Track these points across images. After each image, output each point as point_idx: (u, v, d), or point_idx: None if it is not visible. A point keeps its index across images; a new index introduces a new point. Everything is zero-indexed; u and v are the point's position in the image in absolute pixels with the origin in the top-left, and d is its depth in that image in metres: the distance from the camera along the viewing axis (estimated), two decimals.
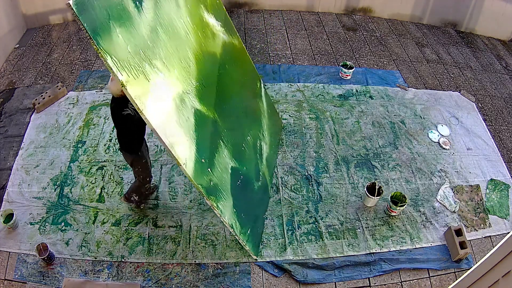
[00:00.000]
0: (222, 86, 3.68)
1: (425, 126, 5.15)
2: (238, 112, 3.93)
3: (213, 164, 3.24)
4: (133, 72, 2.55)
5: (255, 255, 3.72)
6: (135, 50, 2.60)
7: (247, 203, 3.73)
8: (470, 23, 7.08)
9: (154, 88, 2.73)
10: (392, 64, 6.12)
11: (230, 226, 3.31)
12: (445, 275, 3.84)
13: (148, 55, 2.73)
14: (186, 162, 2.87)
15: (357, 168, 4.59)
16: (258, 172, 4.01)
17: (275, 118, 4.79)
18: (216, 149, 3.34)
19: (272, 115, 4.67)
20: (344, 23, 6.91)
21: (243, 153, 3.78)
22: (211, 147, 3.29)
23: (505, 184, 4.63)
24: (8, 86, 5.36)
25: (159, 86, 2.80)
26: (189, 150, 2.96)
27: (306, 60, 6.01)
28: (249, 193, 3.80)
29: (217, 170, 3.28)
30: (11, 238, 3.81)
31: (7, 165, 4.41)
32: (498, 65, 6.49)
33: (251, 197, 3.84)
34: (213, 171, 3.23)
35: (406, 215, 4.22)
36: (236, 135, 3.74)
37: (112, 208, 4.06)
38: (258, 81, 4.54)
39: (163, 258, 3.74)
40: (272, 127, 4.59)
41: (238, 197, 3.51)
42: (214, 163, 3.27)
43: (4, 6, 5.62)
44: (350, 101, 5.38)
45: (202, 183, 3.05)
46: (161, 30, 2.92)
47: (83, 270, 3.64)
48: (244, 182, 3.70)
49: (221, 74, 3.70)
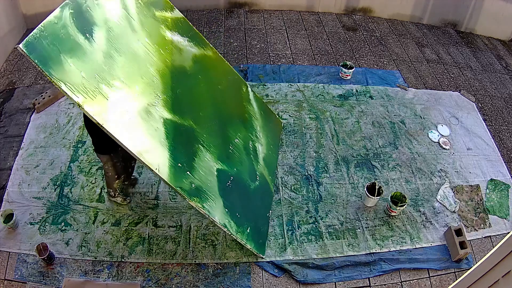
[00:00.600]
0: (196, 95, 3.82)
1: (425, 126, 5.15)
2: (219, 117, 3.99)
3: (192, 167, 3.30)
4: (90, 94, 2.73)
5: (260, 253, 3.70)
6: (90, 75, 2.79)
7: (242, 203, 3.73)
8: (470, 23, 7.08)
9: (114, 104, 2.89)
10: (392, 64, 6.12)
11: (223, 226, 3.33)
12: (445, 275, 3.84)
13: (104, 77, 2.90)
14: (158, 168, 2.96)
15: (357, 168, 4.59)
16: (253, 172, 4.02)
17: (272, 119, 4.79)
18: (195, 154, 3.41)
19: (267, 117, 4.67)
20: (344, 23, 6.92)
21: (231, 156, 3.83)
22: (188, 152, 3.36)
23: (505, 184, 4.63)
24: (8, 86, 5.36)
25: (119, 102, 2.94)
26: (161, 157, 3.05)
27: (306, 60, 6.01)
28: (243, 194, 3.80)
29: (198, 173, 3.33)
30: (11, 238, 3.81)
31: (7, 165, 4.41)
32: (498, 65, 6.49)
33: (246, 197, 3.84)
34: (194, 174, 3.28)
35: (406, 215, 4.22)
36: (219, 139, 3.80)
37: (112, 208, 4.06)
38: (244, 86, 4.59)
39: (163, 258, 3.74)
40: (268, 128, 4.60)
41: (229, 198, 3.53)
42: (194, 166, 3.33)
43: (4, 6, 5.61)
44: (350, 101, 5.38)
45: (182, 186, 3.11)
46: (116, 54, 3.10)
47: (83, 270, 3.64)
48: (235, 183, 3.72)
49: (193, 84, 3.86)
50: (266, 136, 4.47)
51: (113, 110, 2.87)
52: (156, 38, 3.62)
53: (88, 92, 2.73)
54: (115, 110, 2.89)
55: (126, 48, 3.25)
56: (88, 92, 2.73)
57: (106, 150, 3.56)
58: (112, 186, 3.94)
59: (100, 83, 2.86)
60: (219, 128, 3.90)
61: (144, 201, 4.14)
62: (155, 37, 3.61)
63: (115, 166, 3.74)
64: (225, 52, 6.03)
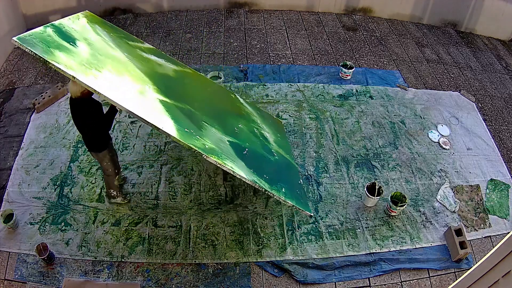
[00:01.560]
0: (188, 91, 3.91)
1: (425, 126, 5.15)
2: (216, 110, 3.97)
3: (201, 134, 3.17)
4: (81, 72, 2.85)
5: (307, 211, 3.40)
6: (79, 63, 2.95)
7: (267, 169, 3.53)
8: (470, 23, 7.08)
9: (107, 80, 2.99)
10: (392, 64, 6.12)
11: (252, 182, 3.07)
12: (445, 275, 3.84)
13: (93, 64, 3.04)
14: (163, 126, 2.88)
15: (357, 168, 4.59)
16: (269, 149, 3.90)
17: (271, 119, 4.78)
18: (200, 126, 3.31)
19: (266, 116, 4.68)
20: (344, 23, 6.91)
21: (238, 134, 3.71)
22: (193, 124, 3.26)
23: (505, 184, 4.63)
24: (8, 86, 5.36)
25: (112, 83, 3.04)
26: (165, 122, 2.98)
27: (306, 60, 6.01)
28: (264, 163, 3.61)
29: (209, 139, 3.17)
30: (11, 238, 3.82)
31: (7, 165, 4.41)
32: (498, 65, 6.49)
33: (270, 165, 3.66)
34: (204, 138, 3.12)
35: (406, 215, 4.22)
36: (221, 122, 3.70)
37: (112, 208, 4.06)
38: (232, 94, 4.64)
39: (163, 258, 3.74)
40: (269, 123, 4.58)
41: (251, 162, 3.34)
42: (203, 133, 3.20)
43: (4, 6, 5.62)
44: (350, 101, 5.38)
45: (194, 144, 2.91)
46: (101, 57, 3.25)
47: (83, 270, 3.64)
48: (253, 154, 3.55)
49: (182, 84, 3.95)
50: (269, 128, 4.42)
51: (107, 84, 2.93)
52: (134, 54, 3.74)
53: (78, 72, 2.82)
54: (110, 86, 2.94)
55: (109, 55, 3.37)
56: (78, 72, 2.82)
57: (101, 146, 3.56)
58: (113, 185, 3.94)
59: (89, 69, 2.95)
60: (217, 116, 3.83)
61: (144, 201, 4.15)
62: (133, 54, 3.73)
63: (113, 160, 3.75)
64: (225, 52, 6.03)
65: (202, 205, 4.14)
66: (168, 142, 4.66)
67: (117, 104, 2.79)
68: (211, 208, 4.13)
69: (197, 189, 4.27)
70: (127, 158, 4.48)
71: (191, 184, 4.30)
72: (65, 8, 6.14)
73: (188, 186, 4.28)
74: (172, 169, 4.42)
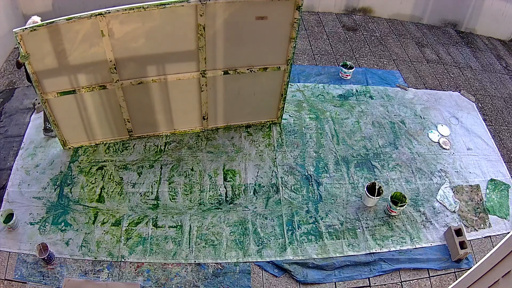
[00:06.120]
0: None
1: (425, 126, 5.15)
2: None
3: None
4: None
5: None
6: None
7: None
8: (470, 23, 7.08)
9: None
10: (392, 64, 6.12)
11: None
12: (445, 275, 3.84)
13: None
14: None
15: (357, 168, 4.59)
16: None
17: None
18: None
19: None
20: (344, 23, 6.91)
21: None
22: None
23: (505, 184, 4.63)
24: (8, 86, 5.36)
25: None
26: None
27: (306, 60, 6.01)
28: None
29: None
30: (11, 238, 3.81)
31: (7, 165, 4.41)
32: (498, 65, 6.49)
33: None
34: None
35: (406, 215, 4.22)
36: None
37: (112, 208, 4.06)
38: None
39: (163, 258, 3.74)
40: None
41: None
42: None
43: (4, 6, 5.61)
44: (350, 101, 5.37)
45: None
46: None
47: (83, 270, 3.64)
48: None
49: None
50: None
51: None
52: None
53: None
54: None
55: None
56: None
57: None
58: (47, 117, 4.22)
59: None
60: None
61: (144, 201, 4.14)
62: None
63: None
64: None
65: (202, 205, 4.14)
66: (168, 142, 4.66)
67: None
68: (211, 208, 4.13)
69: (198, 189, 4.27)
70: (127, 158, 4.48)
71: (191, 184, 4.30)
72: (65, 8, 6.13)
73: (188, 186, 4.28)
74: (172, 169, 4.42)
